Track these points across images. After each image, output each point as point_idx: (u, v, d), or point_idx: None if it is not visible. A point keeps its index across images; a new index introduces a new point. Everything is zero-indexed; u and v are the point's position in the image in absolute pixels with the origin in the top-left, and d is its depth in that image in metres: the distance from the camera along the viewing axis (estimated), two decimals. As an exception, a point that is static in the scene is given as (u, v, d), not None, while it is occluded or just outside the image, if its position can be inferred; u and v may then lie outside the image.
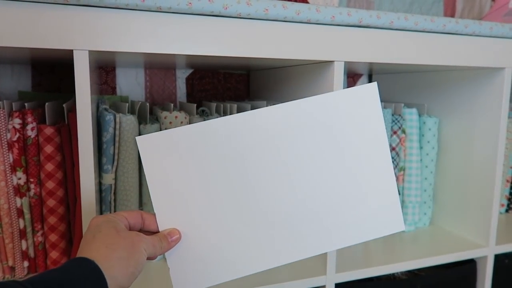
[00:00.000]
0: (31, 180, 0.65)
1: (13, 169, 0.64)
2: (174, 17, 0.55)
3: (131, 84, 0.96)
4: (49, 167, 0.65)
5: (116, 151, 0.67)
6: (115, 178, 0.68)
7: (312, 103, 0.50)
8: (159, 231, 0.49)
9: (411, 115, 0.90)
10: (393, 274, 0.87)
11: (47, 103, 0.65)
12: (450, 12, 1.22)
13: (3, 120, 0.63)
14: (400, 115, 0.89)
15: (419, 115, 0.92)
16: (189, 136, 0.49)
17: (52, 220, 0.66)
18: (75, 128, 0.58)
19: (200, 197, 0.49)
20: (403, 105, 0.90)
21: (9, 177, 0.64)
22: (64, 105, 0.66)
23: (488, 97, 0.83)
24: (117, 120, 0.66)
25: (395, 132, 0.89)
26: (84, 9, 0.51)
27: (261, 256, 0.50)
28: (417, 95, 1.01)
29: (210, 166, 0.49)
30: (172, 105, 0.74)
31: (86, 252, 0.40)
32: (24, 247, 0.66)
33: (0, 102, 0.63)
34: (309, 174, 0.50)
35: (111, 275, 0.39)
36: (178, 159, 0.49)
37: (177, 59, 0.68)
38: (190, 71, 1.01)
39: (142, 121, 0.72)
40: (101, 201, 0.68)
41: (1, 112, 0.62)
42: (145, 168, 0.49)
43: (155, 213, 0.49)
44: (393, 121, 0.89)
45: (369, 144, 0.51)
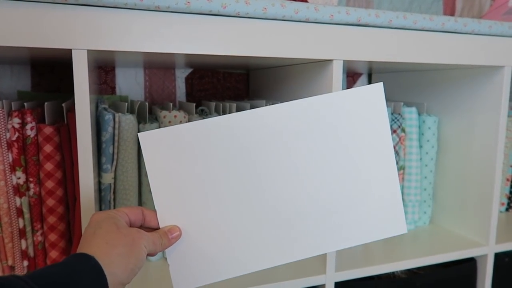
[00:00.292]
0: (31, 179, 0.65)
1: (13, 169, 0.64)
2: (172, 17, 0.55)
3: (130, 84, 0.96)
4: (49, 166, 0.65)
5: (116, 150, 0.67)
6: (115, 178, 0.69)
7: (317, 102, 0.49)
8: (160, 228, 0.49)
9: (410, 114, 0.90)
10: (393, 273, 0.87)
11: (46, 103, 0.65)
12: (450, 11, 1.22)
13: (2, 120, 0.63)
14: (399, 114, 0.89)
15: (419, 114, 0.92)
16: (191, 133, 0.48)
17: (51, 219, 0.66)
18: (74, 127, 0.58)
19: (201, 194, 0.49)
20: (402, 104, 0.90)
21: (8, 177, 0.64)
22: (63, 104, 0.66)
23: (488, 95, 0.83)
24: (117, 119, 0.66)
25: (395, 131, 0.89)
26: (82, 9, 0.51)
27: (261, 254, 0.50)
28: (416, 94, 1.01)
29: (212, 163, 0.49)
30: (172, 104, 0.74)
31: (87, 248, 0.40)
32: (23, 247, 0.66)
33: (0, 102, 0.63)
34: (312, 173, 0.50)
35: (111, 271, 0.39)
36: (180, 155, 0.49)
37: (176, 58, 0.68)
38: (190, 70, 1.01)
39: (142, 121, 0.72)
40: (100, 201, 0.68)
41: (1, 112, 0.62)
42: (146, 165, 0.48)
43: (156, 210, 0.49)
44: (392, 120, 0.89)
45: (374, 145, 0.50)
